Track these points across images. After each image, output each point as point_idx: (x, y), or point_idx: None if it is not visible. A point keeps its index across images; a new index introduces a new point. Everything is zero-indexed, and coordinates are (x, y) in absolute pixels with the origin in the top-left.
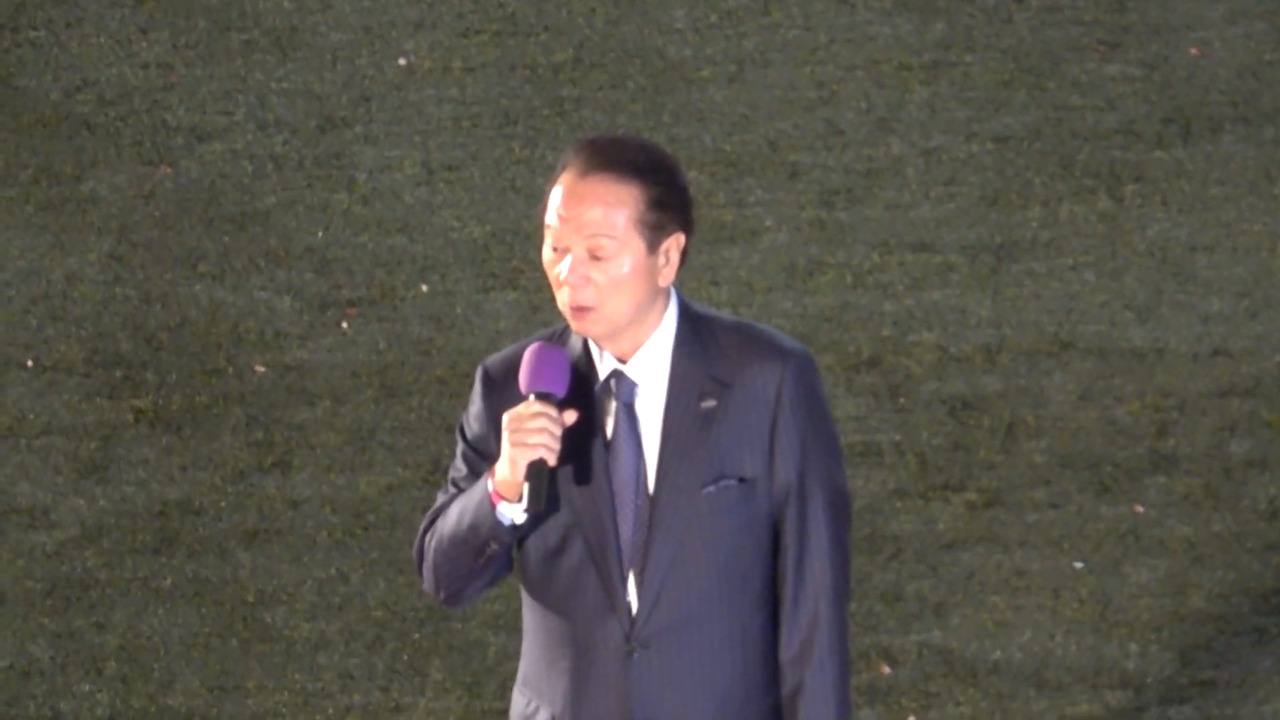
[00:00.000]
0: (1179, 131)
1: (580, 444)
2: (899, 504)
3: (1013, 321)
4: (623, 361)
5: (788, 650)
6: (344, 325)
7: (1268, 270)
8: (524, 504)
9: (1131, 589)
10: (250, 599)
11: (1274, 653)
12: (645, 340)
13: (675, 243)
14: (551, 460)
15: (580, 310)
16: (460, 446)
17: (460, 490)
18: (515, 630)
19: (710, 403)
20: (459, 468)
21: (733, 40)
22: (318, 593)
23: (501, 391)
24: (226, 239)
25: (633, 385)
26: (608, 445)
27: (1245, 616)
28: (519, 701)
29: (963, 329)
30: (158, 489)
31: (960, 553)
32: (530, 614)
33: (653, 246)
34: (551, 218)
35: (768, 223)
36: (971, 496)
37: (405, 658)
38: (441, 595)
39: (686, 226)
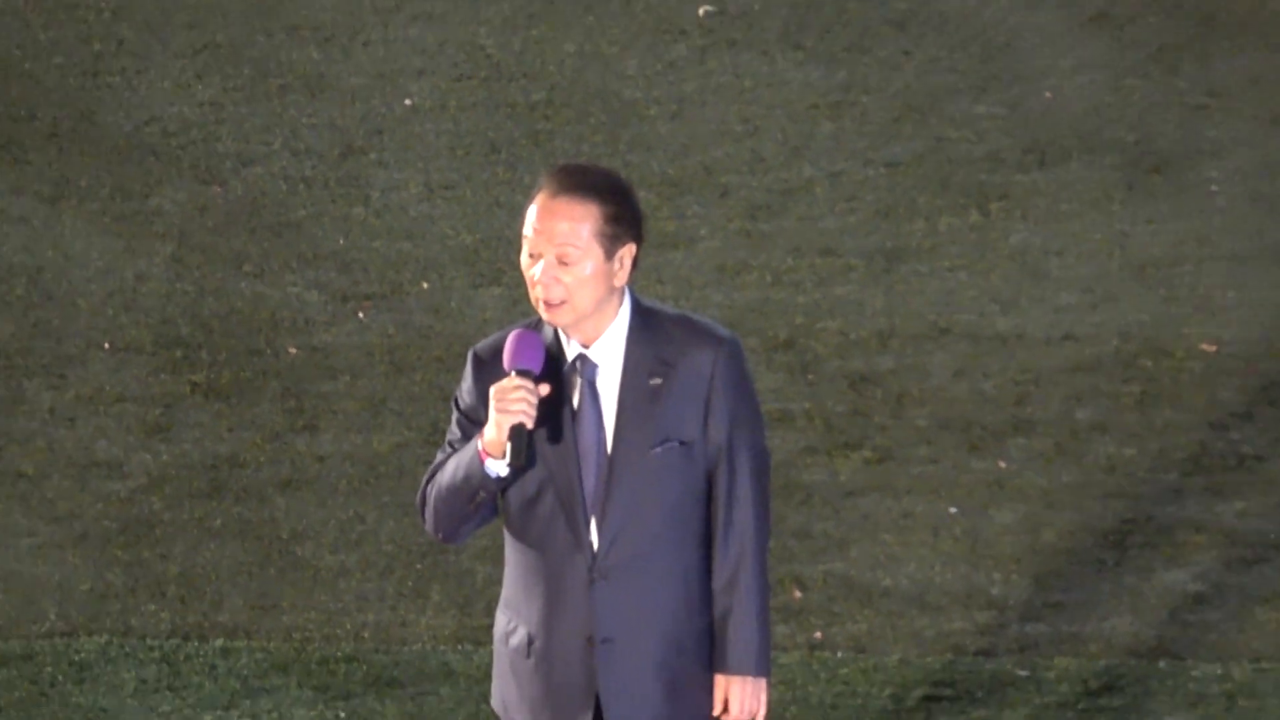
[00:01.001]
0: (1035, 159)
1: (552, 412)
2: (809, 459)
3: (901, 312)
4: (586, 346)
5: (719, 580)
6: (360, 315)
7: (1106, 271)
8: (507, 460)
9: (996, 528)
10: (284, 535)
11: (1112, 580)
12: (604, 329)
13: (628, 251)
14: (529, 424)
15: (551, 305)
16: (455, 415)
17: (455, 450)
18: (498, 562)
19: (657, 380)
20: (454, 432)
21: (675, 85)
22: (339, 531)
23: (488, 369)
24: (265, 244)
25: (594, 366)
26: (574, 414)
27: (1089, 550)
28: (501, 620)
29: (860, 318)
30: (210, 446)
31: (858, 499)
32: (511, 550)
33: (610, 254)
34: (528, 229)
35: (702, 232)
36: (867, 453)
37: (410, 584)
38: (440, 535)
39: (638, 238)
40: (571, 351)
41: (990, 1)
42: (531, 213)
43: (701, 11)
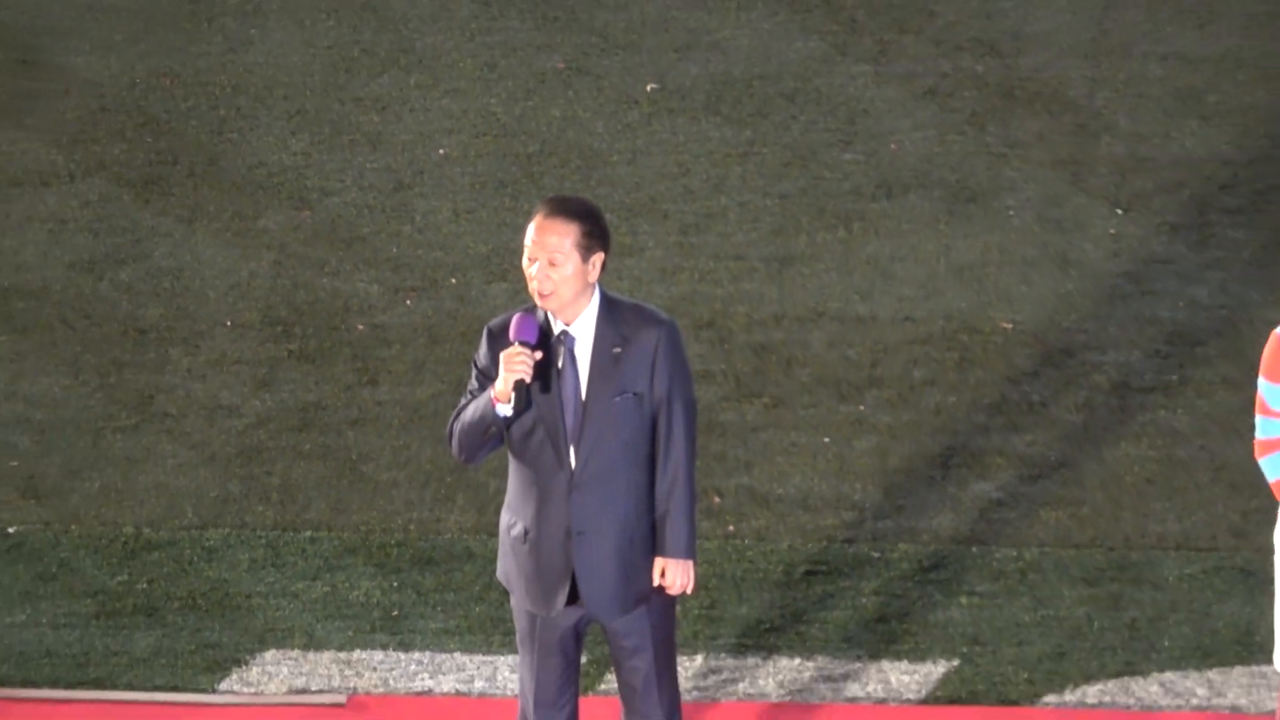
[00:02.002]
0: (884, 192)
1: (543, 372)
2: (724, 405)
3: (789, 301)
4: (567, 325)
5: (660, 490)
6: (407, 302)
7: (935, 272)
8: (511, 405)
9: (856, 454)
10: (354, 458)
11: (938, 490)
12: (580, 313)
13: (599, 258)
14: (528, 380)
15: (543, 295)
16: (474, 372)
17: (474, 397)
18: (503, 477)
19: (618, 349)
20: (473, 384)
21: (629, 140)
22: (392, 455)
23: (499, 341)
24: (340, 252)
25: (573, 338)
26: (559, 373)
27: (922, 470)
28: (505, 518)
29: (761, 305)
30: (300, 395)
31: (759, 433)
32: (513, 468)
33: (585, 259)
34: (528, 240)
35: (649, 245)
36: (766, 401)
37: (442, 492)
38: (463, 458)
39: (606, 248)
40: (557, 328)
41: (853, 80)
42: (531, 229)
43: (649, 88)
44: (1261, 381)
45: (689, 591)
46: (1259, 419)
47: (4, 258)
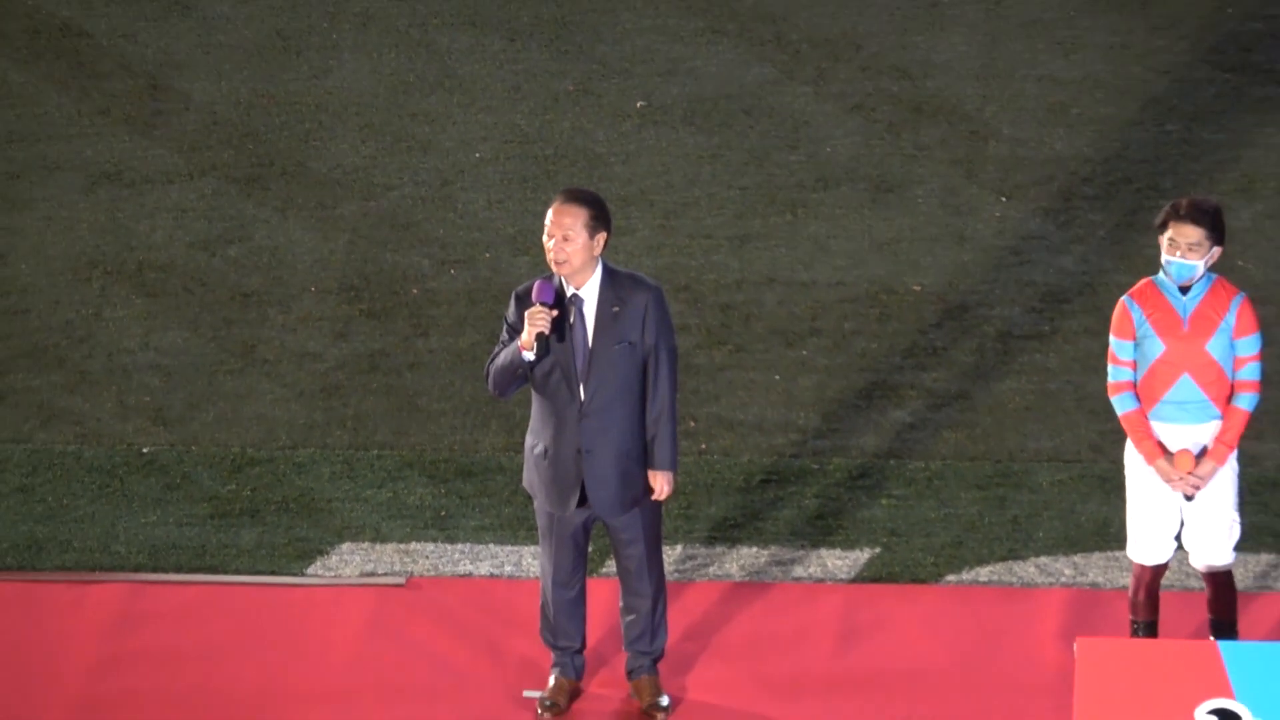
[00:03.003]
0: (822, 185)
1: (559, 325)
2: (697, 351)
3: (749, 270)
4: (578, 289)
5: (650, 417)
6: (452, 272)
7: (860, 247)
8: (534, 352)
9: (801, 389)
10: (410, 393)
11: (864, 415)
12: (587, 280)
13: (602, 237)
14: (547, 332)
15: (559, 264)
16: (505, 327)
17: (504, 346)
18: (527, 406)
19: (616, 308)
20: (504, 336)
21: (624, 145)
22: (440, 390)
23: (524, 302)
24: (399, 233)
25: (582, 299)
26: (571, 327)
27: (852, 399)
28: (529, 439)
29: (727, 273)
30: (369, 344)
31: (726, 372)
32: (535, 400)
33: (592, 237)
34: (548, 221)
35: (639, 227)
36: (730, 348)
37: (479, 420)
38: (496, 393)
39: (608, 229)
40: (569, 292)
41: (798, 98)
42: (550, 213)
43: (639, 105)
44: (1111, 338)
45: (671, 494)
46: (1110, 366)
47: (139, 239)
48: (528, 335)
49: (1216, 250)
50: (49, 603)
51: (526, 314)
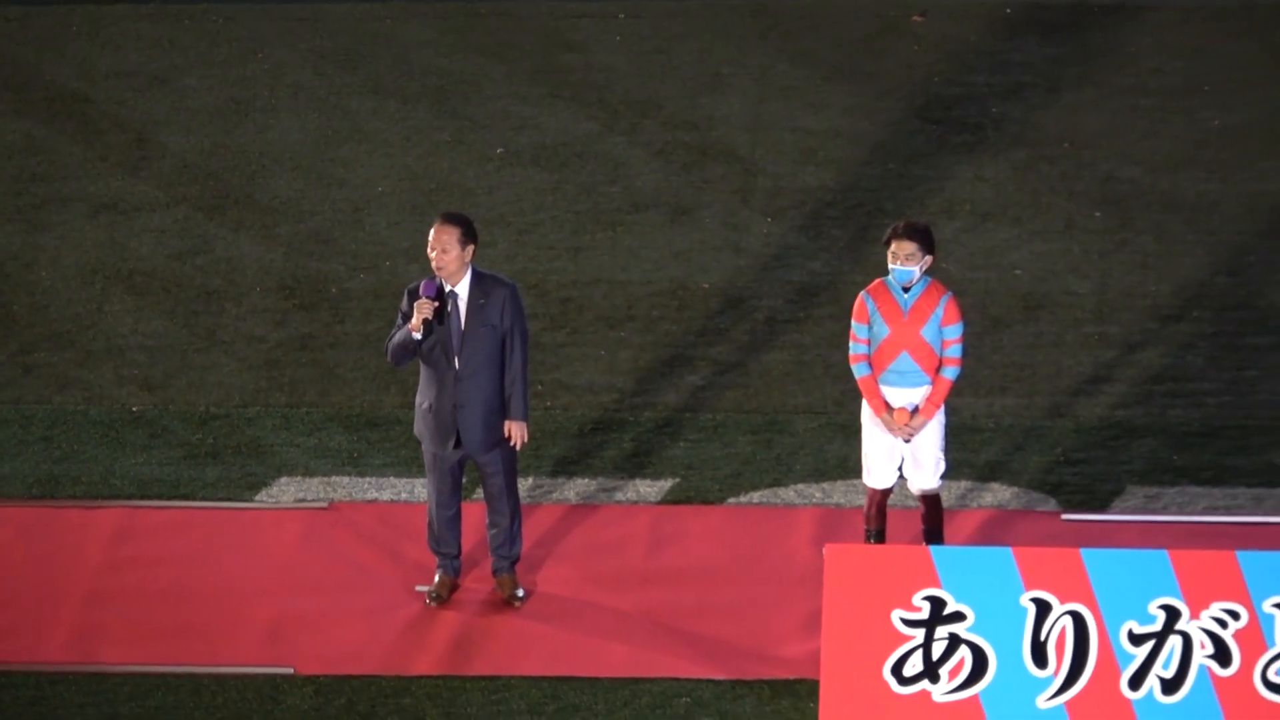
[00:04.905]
0: (635, 209)
1: (440, 314)
2: (544, 333)
3: (581, 273)
4: (453, 286)
5: (507, 381)
6: (361, 275)
7: (665, 255)
8: (421, 334)
9: (620, 361)
10: (331, 365)
11: (667, 380)
12: (461, 279)
13: (471, 248)
14: (431, 318)
15: (439, 269)
16: (400, 314)
17: (399, 328)
18: (416, 374)
19: (482, 301)
20: (399, 322)
21: (489, 182)
22: (355, 362)
23: (414, 295)
24: (322, 247)
25: (457, 294)
26: (448, 314)
27: (657, 369)
28: (418, 398)
29: (565, 275)
30: (301, 329)
31: (564, 349)
32: (422, 369)
33: (464, 248)
34: (431, 237)
35: (500, 241)
36: (567, 330)
37: (383, 383)
38: (394, 363)
39: (476, 243)
40: (448, 289)
41: (615, 145)
42: (432, 231)
43: (499, 151)
44: (852, 322)
45: (525, 440)
46: (850, 343)
47: (130, 252)
48: (417, 320)
49: (928, 258)
50: (64, 523)
51: (416, 305)
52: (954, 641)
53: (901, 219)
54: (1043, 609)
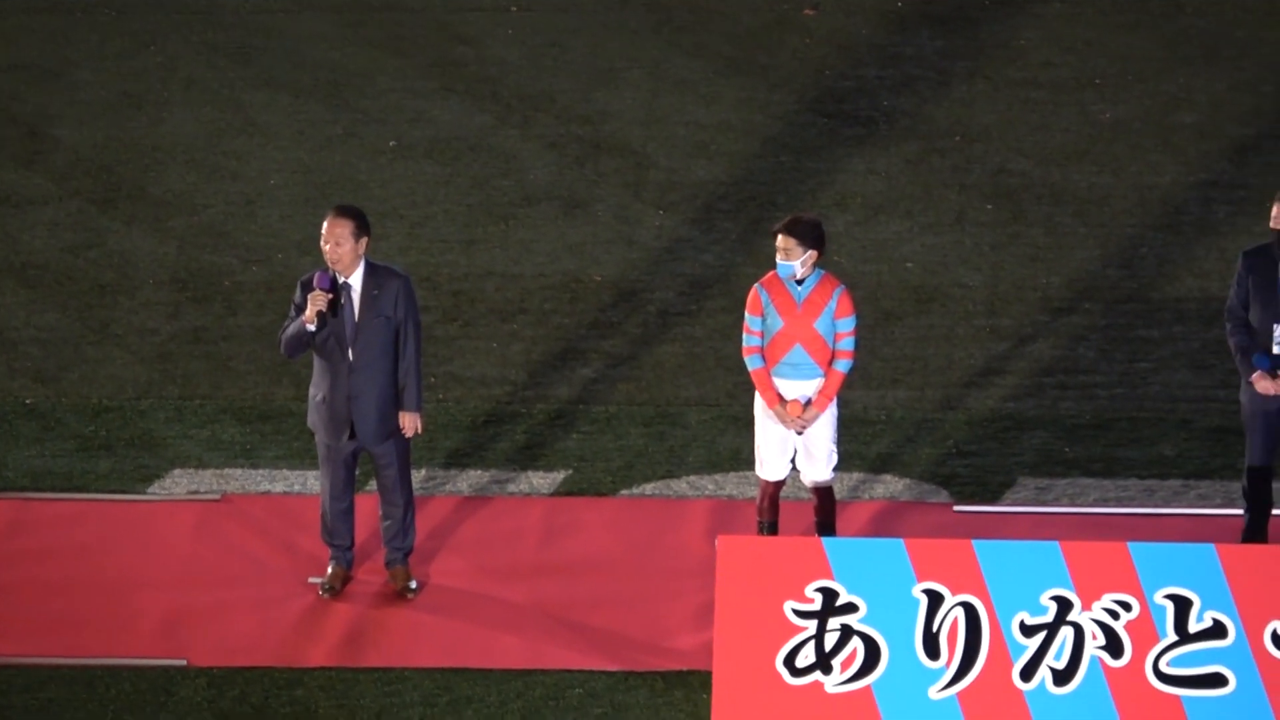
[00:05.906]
0: (528, 203)
1: (333, 305)
2: (437, 325)
3: (474, 266)
4: (347, 278)
5: (401, 372)
6: (254, 268)
7: (558, 247)
8: (315, 325)
9: (513, 353)
10: (225, 357)
11: (560, 373)
12: (354, 271)
13: (365, 241)
14: (325, 309)
15: (333, 261)
16: (293, 306)
17: (293, 320)
18: (310, 366)
19: (376, 292)
20: (292, 313)
21: (381, 175)
22: (248, 355)
23: (307, 287)
24: (215, 240)
25: (350, 286)
26: (342, 306)
27: (549, 361)
28: (312, 390)
29: (457, 268)
30: (194, 322)
31: (457, 341)
32: (316, 361)
33: (356, 241)
34: (324, 230)
35: (393, 234)
36: (460, 323)
37: (275, 376)
38: (287, 355)
39: (369, 235)
40: (341, 280)
41: (509, 139)
42: (326, 224)
43: (391, 144)
44: (746, 314)
45: (419, 431)
46: (744, 335)
47: (23, 245)
48: (310, 312)
49: (812, 254)
50: None
51: (309, 297)
52: (846, 633)
53: (790, 215)
54: (935, 600)
